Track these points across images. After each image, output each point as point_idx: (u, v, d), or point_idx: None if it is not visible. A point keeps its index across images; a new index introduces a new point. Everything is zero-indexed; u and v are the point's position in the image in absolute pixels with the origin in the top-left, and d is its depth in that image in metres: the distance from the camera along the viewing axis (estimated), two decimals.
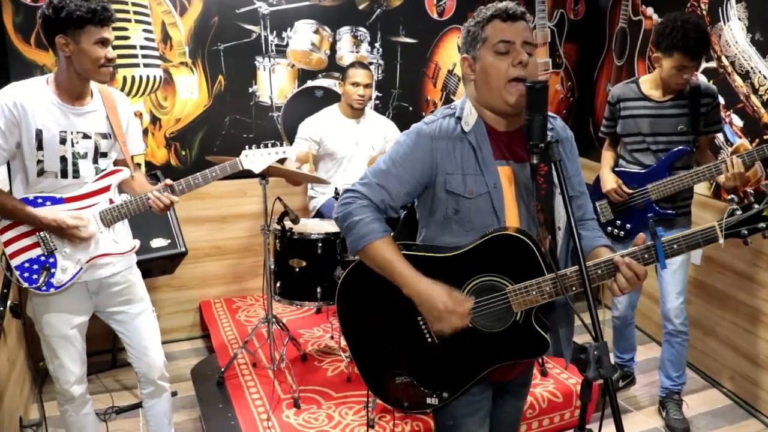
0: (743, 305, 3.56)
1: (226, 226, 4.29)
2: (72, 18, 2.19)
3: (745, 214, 1.73)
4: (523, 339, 1.82)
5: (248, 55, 4.10)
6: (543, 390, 3.23)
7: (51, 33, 2.24)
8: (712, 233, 1.73)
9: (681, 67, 2.95)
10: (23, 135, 2.28)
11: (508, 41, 1.75)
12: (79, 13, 2.19)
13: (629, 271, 1.69)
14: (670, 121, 3.10)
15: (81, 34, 2.23)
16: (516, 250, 1.76)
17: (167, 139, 4.04)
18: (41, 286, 2.37)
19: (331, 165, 3.93)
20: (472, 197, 1.79)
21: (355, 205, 1.82)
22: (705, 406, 3.58)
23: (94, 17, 2.23)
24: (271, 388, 3.20)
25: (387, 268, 1.79)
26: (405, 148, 1.84)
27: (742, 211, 1.73)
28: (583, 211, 1.98)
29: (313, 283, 3.22)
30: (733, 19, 3.50)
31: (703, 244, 1.73)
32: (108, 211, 2.45)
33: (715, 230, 1.73)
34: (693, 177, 3.03)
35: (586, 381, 1.57)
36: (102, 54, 2.28)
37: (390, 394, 1.94)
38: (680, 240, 1.73)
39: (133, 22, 3.80)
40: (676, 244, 1.73)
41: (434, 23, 4.47)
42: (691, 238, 1.73)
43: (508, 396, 2.09)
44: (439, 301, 1.73)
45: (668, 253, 1.73)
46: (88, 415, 2.69)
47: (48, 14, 2.21)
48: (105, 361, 3.88)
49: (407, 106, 4.54)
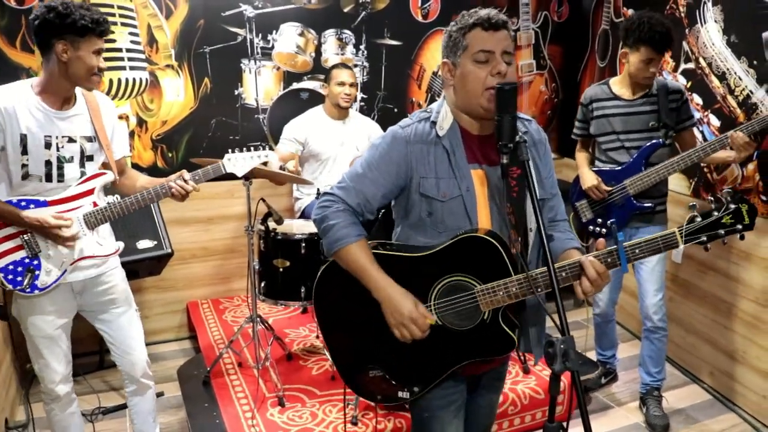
0: (722, 302, 3.62)
1: (213, 227, 4.32)
2: (76, 26, 2.24)
3: (704, 221, 1.78)
4: (490, 337, 1.86)
5: (234, 57, 4.14)
6: (524, 387, 3.28)
7: (49, 37, 2.27)
8: (673, 239, 1.77)
9: (648, 60, 3.06)
10: (8, 139, 2.30)
11: (488, 51, 1.78)
12: (83, 22, 2.24)
13: (593, 272, 1.73)
14: (642, 118, 3.19)
15: (82, 42, 2.28)
16: (485, 252, 1.81)
17: (154, 142, 4.07)
18: (26, 288, 2.40)
19: (316, 166, 3.97)
20: (445, 200, 1.84)
21: (332, 208, 1.88)
22: (685, 401, 3.64)
23: (97, 28, 2.28)
24: (256, 387, 3.23)
25: (359, 272, 1.85)
26: (381, 152, 1.89)
27: (701, 218, 1.77)
28: (555, 212, 2.02)
29: (296, 283, 3.25)
30: (709, 21, 3.56)
31: (664, 249, 1.78)
32: (92, 214, 2.48)
33: (676, 236, 1.77)
34: (669, 168, 3.11)
35: (553, 374, 1.62)
36: (96, 63, 2.33)
37: (364, 387, 1.99)
38: (642, 245, 1.77)
39: (119, 25, 3.83)
40: (638, 249, 1.77)
41: (419, 25, 4.52)
42: (653, 244, 1.77)
43: (482, 390, 2.14)
44: (405, 308, 1.79)
45: (630, 257, 1.77)
46: (74, 414, 2.72)
47: (50, 18, 2.23)
48: (92, 363, 3.91)
49: (392, 108, 4.58)
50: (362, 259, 1.84)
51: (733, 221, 1.77)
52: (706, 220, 1.77)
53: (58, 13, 2.23)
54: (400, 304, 1.80)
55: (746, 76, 3.36)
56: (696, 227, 1.77)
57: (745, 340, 3.48)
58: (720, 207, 1.77)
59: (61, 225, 2.37)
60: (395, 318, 1.81)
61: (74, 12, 2.23)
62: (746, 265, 3.44)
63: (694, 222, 1.78)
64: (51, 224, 2.35)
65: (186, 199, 2.62)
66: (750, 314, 3.44)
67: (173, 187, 2.56)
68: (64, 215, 2.40)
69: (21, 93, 2.33)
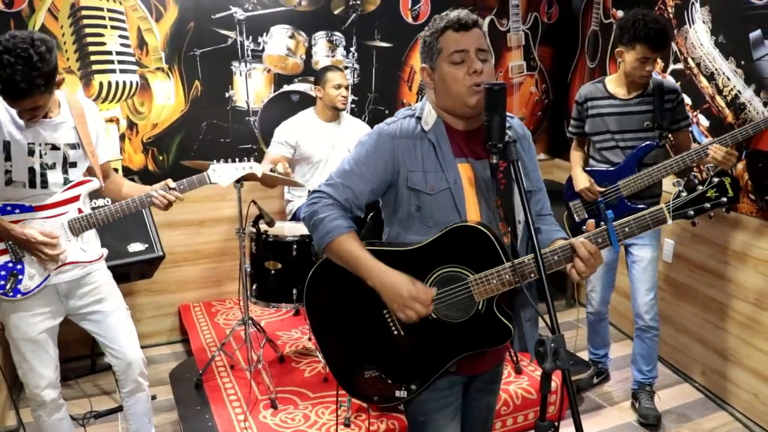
0: (713, 301, 3.64)
1: (204, 230, 4.31)
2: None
3: (689, 196, 1.80)
4: (486, 327, 1.86)
5: (224, 60, 4.14)
6: (517, 387, 3.29)
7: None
8: (661, 215, 1.79)
9: (644, 58, 3.06)
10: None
11: (462, 50, 1.80)
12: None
13: (585, 252, 1.75)
14: (636, 118, 3.19)
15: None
16: (476, 240, 1.81)
17: (144, 145, 4.06)
18: (8, 291, 2.40)
19: (307, 169, 3.97)
20: (433, 193, 1.84)
21: (321, 204, 1.88)
22: (677, 400, 3.65)
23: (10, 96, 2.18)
24: (249, 390, 3.22)
25: (352, 262, 1.84)
26: (367, 148, 1.90)
27: (687, 193, 1.80)
28: (541, 205, 2.03)
29: (288, 285, 3.25)
30: (698, 22, 3.59)
31: (653, 226, 1.79)
32: (77, 221, 2.48)
33: (663, 212, 1.79)
34: (662, 170, 3.11)
35: (544, 372, 1.62)
36: (15, 109, 2.27)
37: (359, 388, 1.98)
38: (630, 222, 1.79)
39: (108, 28, 3.82)
40: (627, 227, 1.79)
41: (409, 27, 4.53)
42: (641, 220, 1.79)
43: (478, 393, 2.13)
44: (403, 288, 1.77)
45: (620, 236, 1.79)
46: (62, 420, 2.70)
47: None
48: (84, 367, 3.89)
49: (383, 110, 4.58)
50: (354, 249, 1.83)
51: (717, 194, 1.79)
52: (692, 194, 1.80)
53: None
54: (397, 284, 1.78)
55: (734, 76, 3.38)
56: (682, 202, 1.80)
57: (737, 339, 3.50)
58: (704, 181, 1.80)
59: (46, 243, 2.37)
60: (396, 301, 1.79)
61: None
62: (738, 266, 3.46)
63: (680, 197, 1.80)
64: (37, 240, 2.35)
65: (170, 207, 2.62)
66: (742, 314, 3.46)
67: (155, 197, 2.57)
68: (52, 232, 2.40)
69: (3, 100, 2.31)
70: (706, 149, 3.00)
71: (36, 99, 2.20)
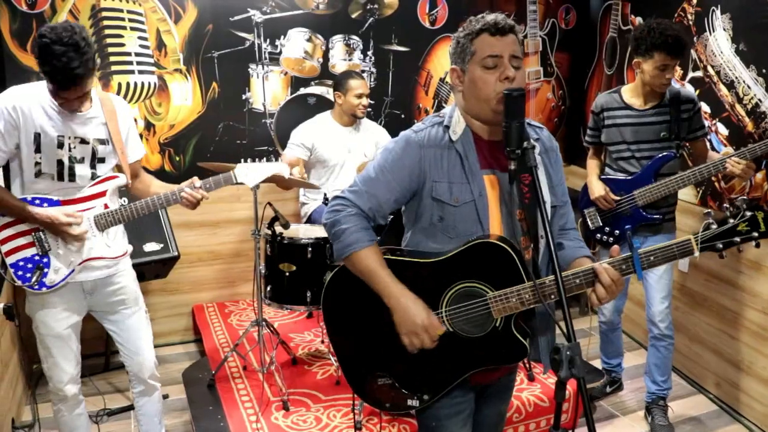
0: (728, 311, 3.61)
1: (219, 230, 4.34)
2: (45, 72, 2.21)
3: (720, 228, 1.77)
4: (502, 345, 1.85)
5: (242, 62, 4.16)
6: (529, 394, 3.27)
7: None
8: (688, 246, 1.76)
9: (663, 66, 3.03)
10: (22, 137, 2.34)
11: (496, 56, 1.77)
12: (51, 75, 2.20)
13: (608, 279, 1.73)
14: (653, 129, 3.17)
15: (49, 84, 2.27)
16: (497, 257, 1.80)
17: (161, 145, 4.09)
18: (33, 285, 2.42)
19: (323, 172, 3.98)
20: (458, 205, 1.83)
21: (344, 213, 1.86)
22: (691, 411, 3.62)
23: (61, 84, 2.23)
24: (261, 391, 3.23)
25: (371, 278, 1.83)
26: (394, 156, 1.87)
27: (717, 225, 1.77)
28: (565, 220, 2.01)
29: (302, 288, 3.25)
30: (718, 29, 3.56)
31: (679, 257, 1.77)
32: (102, 216, 2.50)
33: (691, 243, 1.76)
34: (679, 181, 3.09)
35: (559, 381, 1.61)
36: (59, 101, 2.31)
37: (372, 395, 1.98)
38: (657, 252, 1.76)
39: (128, 29, 3.86)
40: (653, 256, 1.77)
41: (426, 32, 4.53)
42: (668, 251, 1.76)
43: (490, 399, 2.12)
44: (418, 317, 1.78)
45: (645, 265, 1.77)
46: (81, 415, 2.74)
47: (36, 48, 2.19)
48: (98, 364, 3.92)
49: (399, 114, 4.59)
50: (374, 265, 1.82)
51: (748, 228, 1.76)
52: (722, 227, 1.76)
53: (40, 47, 2.17)
54: (413, 312, 1.78)
55: (755, 84, 3.35)
56: (711, 234, 1.77)
57: (752, 350, 3.47)
58: (736, 214, 1.77)
59: (71, 222, 2.40)
60: (407, 326, 1.80)
61: (48, 55, 2.16)
62: (754, 275, 3.42)
63: (709, 229, 1.77)
64: (61, 221, 2.39)
65: (197, 207, 2.63)
66: (757, 324, 3.42)
67: (184, 195, 2.58)
68: (74, 213, 2.43)
69: (37, 93, 2.36)
70: (723, 162, 2.97)
71: (87, 84, 2.29)
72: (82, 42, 2.19)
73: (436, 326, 1.80)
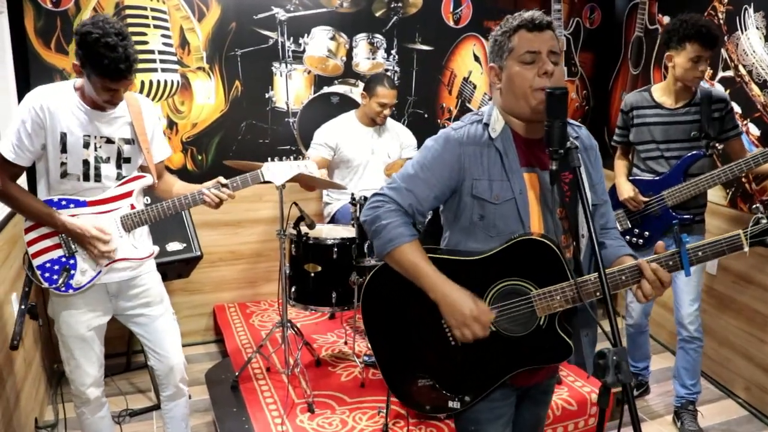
0: (758, 314, 3.54)
1: (242, 230, 4.31)
2: (95, 63, 2.20)
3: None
4: (546, 344, 1.82)
5: (265, 60, 4.14)
6: (557, 398, 3.22)
7: (78, 53, 2.23)
8: (738, 241, 1.73)
9: (697, 58, 2.98)
10: (48, 137, 2.32)
11: (534, 51, 1.76)
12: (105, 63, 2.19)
13: (654, 276, 1.70)
14: (683, 128, 3.12)
15: (97, 77, 2.24)
16: (541, 254, 1.77)
17: (184, 144, 4.07)
18: (60, 286, 2.40)
19: (346, 172, 3.95)
20: (498, 203, 1.80)
21: (384, 209, 1.83)
22: (720, 416, 3.55)
23: (113, 75, 2.23)
24: (285, 393, 3.20)
25: (414, 272, 1.79)
26: (433, 153, 1.85)
27: (766, 219, 1.73)
28: (606, 219, 1.99)
29: (327, 289, 3.23)
30: (750, 28, 3.50)
31: (728, 252, 1.73)
32: (129, 217, 2.48)
33: (740, 238, 1.73)
34: (708, 180, 3.03)
35: (604, 386, 1.57)
36: (103, 97, 2.31)
37: (412, 397, 1.95)
38: (705, 247, 1.73)
39: (151, 27, 3.84)
40: (701, 251, 1.73)
41: (450, 31, 4.49)
42: (717, 246, 1.73)
43: (530, 404, 2.08)
44: (465, 306, 1.74)
45: (693, 260, 1.74)
46: (104, 418, 2.71)
47: (82, 41, 2.19)
48: (119, 364, 3.91)
49: (422, 113, 4.55)
50: (417, 259, 1.79)
51: None
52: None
53: (88, 43, 2.17)
54: (460, 302, 1.74)
55: None
56: (761, 229, 1.73)
57: None
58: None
59: (100, 238, 2.38)
60: (456, 318, 1.76)
61: (101, 48, 2.16)
62: None
63: (759, 224, 1.74)
64: (92, 234, 2.37)
65: (220, 206, 2.60)
66: None
67: (207, 195, 2.55)
68: (105, 227, 2.40)
69: (63, 92, 2.34)
70: (757, 158, 2.91)
71: (133, 75, 2.30)
72: (124, 30, 2.21)
73: (486, 313, 1.76)
